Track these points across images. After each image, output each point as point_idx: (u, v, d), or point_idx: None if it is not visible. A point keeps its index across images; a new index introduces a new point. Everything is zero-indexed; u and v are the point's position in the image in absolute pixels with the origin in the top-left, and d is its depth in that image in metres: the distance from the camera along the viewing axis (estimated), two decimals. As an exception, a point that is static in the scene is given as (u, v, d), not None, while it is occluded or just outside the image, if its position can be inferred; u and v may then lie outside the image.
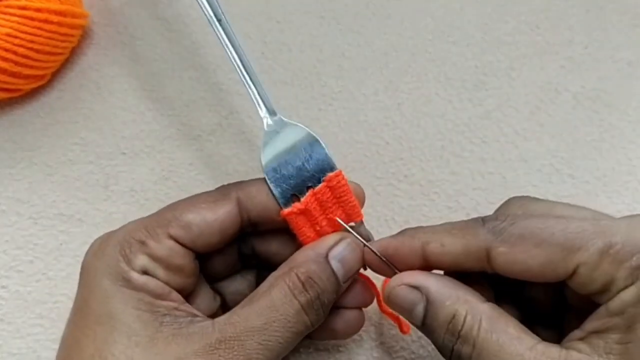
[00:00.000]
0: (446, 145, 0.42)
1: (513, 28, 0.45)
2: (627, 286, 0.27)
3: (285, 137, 0.34)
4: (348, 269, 0.32)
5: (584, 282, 0.28)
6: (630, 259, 0.26)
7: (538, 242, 0.28)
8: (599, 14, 0.46)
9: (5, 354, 0.38)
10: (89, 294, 0.30)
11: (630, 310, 0.26)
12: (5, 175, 0.42)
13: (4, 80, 0.40)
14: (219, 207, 0.32)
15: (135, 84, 0.44)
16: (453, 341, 0.28)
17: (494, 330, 0.28)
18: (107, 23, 0.46)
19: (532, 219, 0.29)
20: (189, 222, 0.31)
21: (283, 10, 0.46)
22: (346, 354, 0.38)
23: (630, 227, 0.27)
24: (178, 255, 0.31)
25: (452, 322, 0.29)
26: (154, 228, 0.31)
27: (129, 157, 0.42)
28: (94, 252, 0.32)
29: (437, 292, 0.30)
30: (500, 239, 0.29)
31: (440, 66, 0.45)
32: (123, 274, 0.30)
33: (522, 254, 0.28)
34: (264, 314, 0.29)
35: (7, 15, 0.39)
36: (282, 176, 0.33)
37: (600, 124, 0.43)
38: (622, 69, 0.44)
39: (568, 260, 0.27)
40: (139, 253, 0.30)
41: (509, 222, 0.29)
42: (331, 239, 0.32)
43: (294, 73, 0.45)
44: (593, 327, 0.28)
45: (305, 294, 0.30)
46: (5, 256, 0.40)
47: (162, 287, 0.30)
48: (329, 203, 0.33)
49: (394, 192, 0.41)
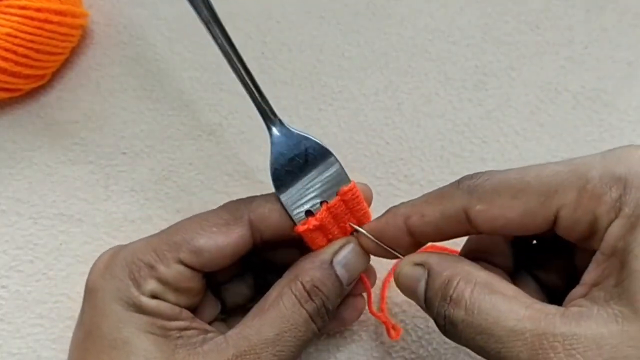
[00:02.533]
0: (446, 145, 0.42)
1: (513, 28, 0.45)
2: (612, 220, 0.25)
3: (295, 149, 0.32)
4: (352, 273, 0.32)
5: (568, 225, 0.27)
6: (609, 191, 0.25)
7: (514, 194, 0.27)
8: (599, 14, 0.46)
9: (5, 354, 0.38)
10: (100, 319, 0.30)
11: (620, 244, 0.25)
12: (5, 175, 0.42)
13: (4, 80, 0.40)
14: (231, 230, 0.31)
15: (135, 84, 0.44)
16: (445, 306, 0.27)
17: (487, 291, 0.27)
18: (107, 23, 0.46)
19: (507, 172, 0.28)
20: (200, 248, 0.30)
21: (283, 10, 0.46)
22: (346, 354, 0.38)
23: (604, 160, 0.26)
24: (187, 279, 0.31)
25: (445, 287, 0.28)
26: (163, 252, 0.30)
27: (129, 157, 0.42)
28: (102, 273, 0.31)
29: (437, 264, 0.29)
30: (476, 196, 0.28)
31: (440, 66, 0.45)
32: (134, 299, 0.30)
33: (500, 209, 0.27)
34: (275, 325, 0.29)
35: (7, 15, 0.39)
36: (295, 193, 0.32)
37: (600, 124, 0.43)
38: (622, 69, 0.44)
39: (547, 206, 0.27)
40: (148, 278, 0.30)
41: (484, 178, 0.28)
42: (336, 245, 0.32)
43: (294, 73, 0.45)
44: (591, 278, 0.26)
45: (311, 303, 0.30)
46: (5, 256, 0.40)
47: (172, 308, 0.30)
48: (342, 214, 0.33)
49: (394, 192, 0.41)
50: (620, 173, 0.25)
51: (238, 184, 0.42)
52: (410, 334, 0.38)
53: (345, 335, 0.38)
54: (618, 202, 0.25)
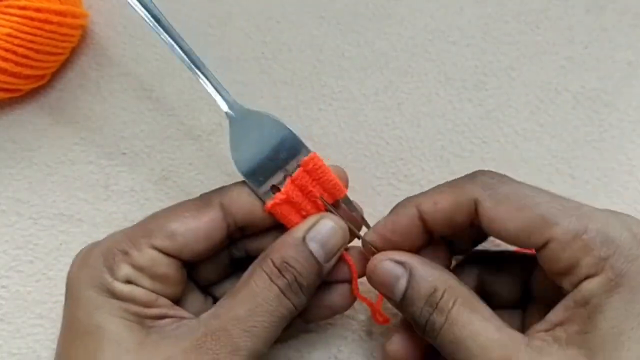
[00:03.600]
0: (446, 145, 0.42)
1: (513, 28, 0.45)
2: (591, 275, 0.27)
3: (252, 127, 0.33)
4: (329, 250, 0.32)
5: (551, 257, 0.28)
6: (600, 249, 0.27)
7: (521, 206, 0.29)
8: (599, 14, 0.46)
9: (5, 354, 0.38)
10: (75, 307, 0.31)
11: (594, 300, 0.27)
12: (5, 175, 0.42)
13: (4, 80, 0.40)
14: (202, 214, 0.32)
15: (135, 84, 0.44)
16: (430, 311, 0.29)
17: (467, 307, 0.29)
18: (107, 23, 0.46)
19: (523, 185, 0.30)
20: (173, 232, 0.31)
21: (283, 10, 0.46)
22: (346, 354, 0.38)
23: (608, 220, 0.28)
24: (162, 265, 0.31)
25: (432, 294, 0.30)
26: (137, 238, 0.31)
27: (129, 157, 0.42)
28: (78, 264, 0.32)
29: (421, 268, 0.31)
30: (489, 193, 0.30)
31: (440, 66, 0.45)
32: (107, 284, 0.30)
33: (504, 213, 0.29)
34: (246, 302, 0.30)
35: (7, 15, 0.39)
36: (257, 171, 0.32)
37: (600, 124, 0.43)
38: (622, 69, 0.44)
39: (543, 231, 0.28)
40: (122, 263, 0.30)
41: (500, 180, 0.30)
42: (309, 222, 0.32)
43: (294, 73, 0.45)
44: (557, 318, 0.28)
45: (282, 279, 0.30)
46: (5, 256, 0.40)
47: (147, 294, 0.31)
48: (310, 187, 0.33)
49: (394, 192, 0.41)
50: (615, 237, 0.27)
51: (238, 184, 0.42)
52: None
53: (345, 335, 0.38)
54: (604, 261, 0.27)
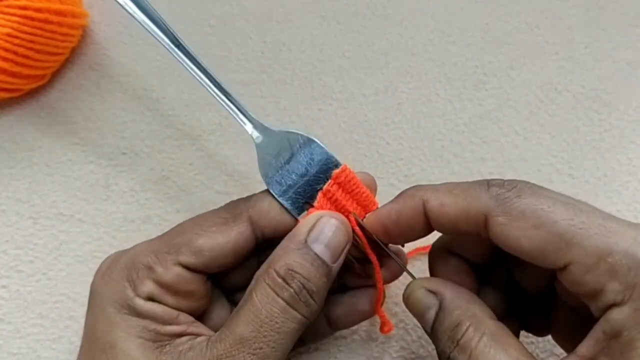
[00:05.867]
0: (446, 145, 0.42)
1: (513, 28, 0.45)
2: (618, 303, 0.25)
3: (280, 146, 0.32)
4: (334, 249, 0.30)
5: (573, 280, 0.26)
6: (627, 274, 0.25)
7: (538, 224, 0.26)
8: (599, 14, 0.46)
9: (5, 354, 0.38)
10: (95, 321, 0.30)
11: (625, 335, 0.25)
12: (5, 175, 0.42)
13: (4, 80, 0.40)
14: (230, 228, 0.30)
15: (135, 84, 0.44)
16: (451, 348, 0.28)
17: (494, 346, 0.27)
18: (107, 23, 0.46)
19: (540, 197, 0.27)
20: (200, 248, 0.30)
21: (283, 10, 0.46)
22: (346, 354, 0.38)
23: (637, 238, 0.25)
24: (187, 281, 0.30)
25: (454, 329, 0.28)
26: (163, 253, 0.30)
27: (129, 157, 0.42)
28: (102, 275, 0.31)
29: (450, 300, 0.29)
30: (502, 208, 0.27)
31: (440, 66, 0.45)
32: (128, 300, 0.29)
33: (519, 231, 0.27)
34: (250, 322, 0.28)
35: (7, 15, 0.39)
36: (288, 187, 0.32)
37: (600, 124, 0.43)
38: (622, 69, 0.44)
39: (562, 254, 0.26)
40: (145, 279, 0.30)
41: (515, 193, 0.27)
42: (307, 223, 0.30)
43: (294, 73, 0.45)
44: (588, 352, 0.26)
45: (287, 289, 0.28)
46: (5, 256, 0.40)
47: (169, 312, 0.30)
48: (343, 200, 0.32)
49: (394, 192, 0.41)
50: None
51: (238, 184, 0.42)
52: (410, 333, 0.38)
53: (345, 335, 0.38)
54: (632, 289, 0.25)
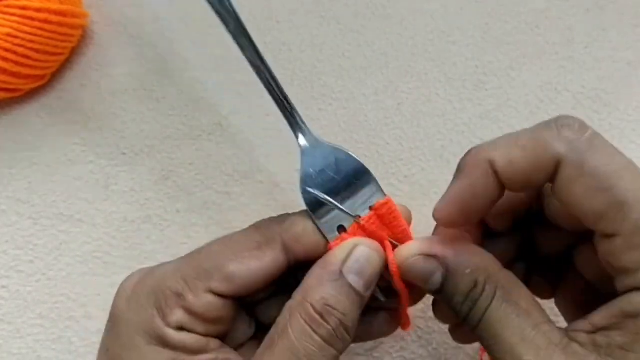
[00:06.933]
0: (446, 145, 0.42)
1: (513, 28, 0.45)
2: None
3: (325, 161, 0.30)
4: (368, 279, 0.28)
5: (610, 251, 0.25)
6: None
7: (606, 188, 0.24)
8: (599, 14, 0.46)
9: (5, 354, 0.38)
10: (121, 350, 0.28)
11: None
12: (5, 175, 0.42)
13: (4, 80, 0.40)
14: (264, 254, 0.29)
15: (135, 84, 0.44)
16: (471, 306, 0.27)
17: (505, 299, 0.26)
18: (107, 23, 0.46)
19: (613, 156, 0.25)
20: (232, 275, 0.28)
21: (283, 10, 0.46)
22: (346, 354, 0.38)
23: None
24: (218, 309, 0.29)
25: (473, 290, 0.27)
26: (192, 280, 0.28)
27: (129, 157, 0.42)
28: (127, 299, 0.29)
29: (456, 261, 0.27)
30: (573, 158, 0.25)
31: (440, 66, 0.45)
32: (158, 330, 0.28)
33: (583, 188, 0.25)
34: (285, 359, 0.26)
35: (7, 15, 0.39)
36: (325, 207, 0.30)
37: (600, 124, 0.43)
38: (622, 69, 0.44)
39: (616, 223, 0.24)
40: (175, 307, 0.28)
41: (587, 144, 0.25)
42: (343, 250, 0.29)
43: (294, 73, 0.45)
44: (601, 322, 0.25)
45: (325, 326, 0.27)
46: (5, 256, 0.40)
47: (198, 340, 0.28)
48: (378, 230, 0.30)
49: (394, 192, 0.41)
50: None
51: (238, 184, 0.42)
52: (410, 333, 0.38)
53: (345, 335, 0.38)
54: None
